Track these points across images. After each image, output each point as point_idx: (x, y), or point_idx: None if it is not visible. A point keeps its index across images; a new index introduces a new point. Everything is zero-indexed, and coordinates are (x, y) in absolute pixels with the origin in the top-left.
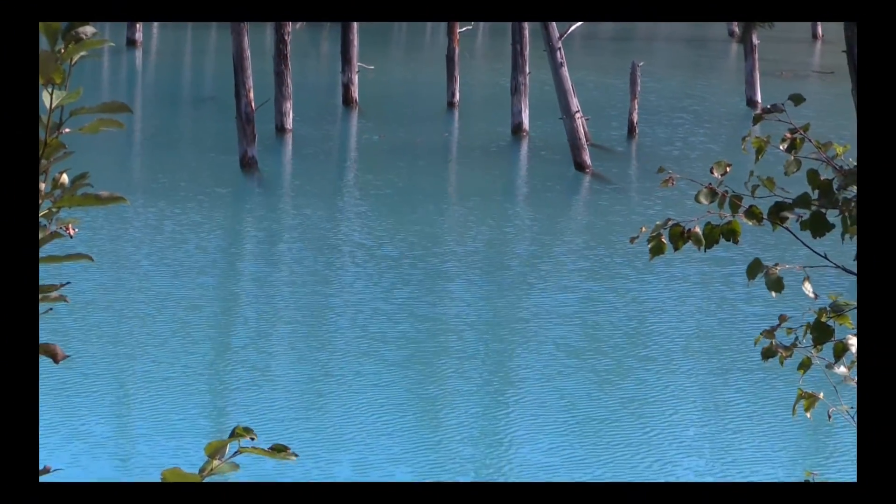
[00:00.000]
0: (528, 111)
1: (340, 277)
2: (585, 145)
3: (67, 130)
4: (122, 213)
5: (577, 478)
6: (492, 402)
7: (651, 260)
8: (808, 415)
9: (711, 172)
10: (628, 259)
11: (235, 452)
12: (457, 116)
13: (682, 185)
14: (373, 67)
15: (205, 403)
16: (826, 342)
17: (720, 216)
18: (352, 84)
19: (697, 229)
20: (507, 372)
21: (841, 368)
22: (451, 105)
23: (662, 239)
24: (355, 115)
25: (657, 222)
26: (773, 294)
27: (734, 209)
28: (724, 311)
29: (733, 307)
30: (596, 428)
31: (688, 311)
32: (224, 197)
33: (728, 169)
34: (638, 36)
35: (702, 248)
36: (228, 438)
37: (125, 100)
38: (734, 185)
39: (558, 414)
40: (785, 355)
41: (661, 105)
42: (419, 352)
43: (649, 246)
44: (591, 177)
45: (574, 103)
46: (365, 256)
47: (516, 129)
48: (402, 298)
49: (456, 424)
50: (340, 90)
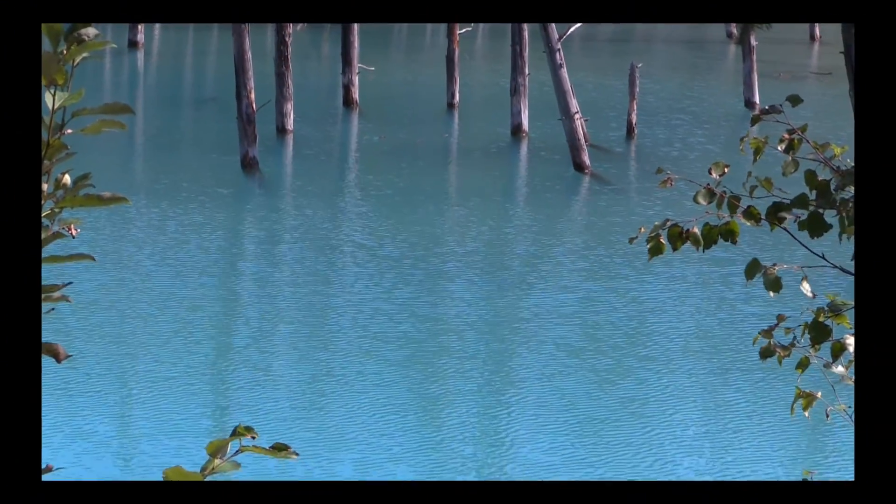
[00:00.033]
0: (527, 112)
1: (341, 277)
2: (584, 146)
3: (70, 131)
4: (124, 213)
5: (577, 477)
6: (492, 402)
7: (650, 260)
8: (807, 414)
9: (710, 173)
10: (628, 259)
11: (237, 451)
12: (457, 117)
13: (681, 185)
14: (373, 69)
15: (207, 403)
16: (824, 342)
17: (718, 217)
18: (352, 85)
19: (696, 230)
20: (507, 371)
21: (839, 368)
22: (451, 106)
23: (661, 239)
24: (356, 116)
25: (656, 223)
26: (772, 294)
27: (732, 210)
28: (723, 310)
29: (732, 307)
30: (596, 427)
31: (687, 311)
32: (225, 197)
33: (726, 170)
34: (637, 37)
35: (700, 248)
36: (230, 437)
37: (127, 101)
38: (732, 185)
39: (558, 413)
40: (783, 355)
41: (660, 106)
42: (420, 351)
43: (648, 246)
44: (590, 177)
45: (573, 104)
46: (366, 256)
47: (516, 130)
48: (402, 298)
49: (457, 424)
50: (341, 91)
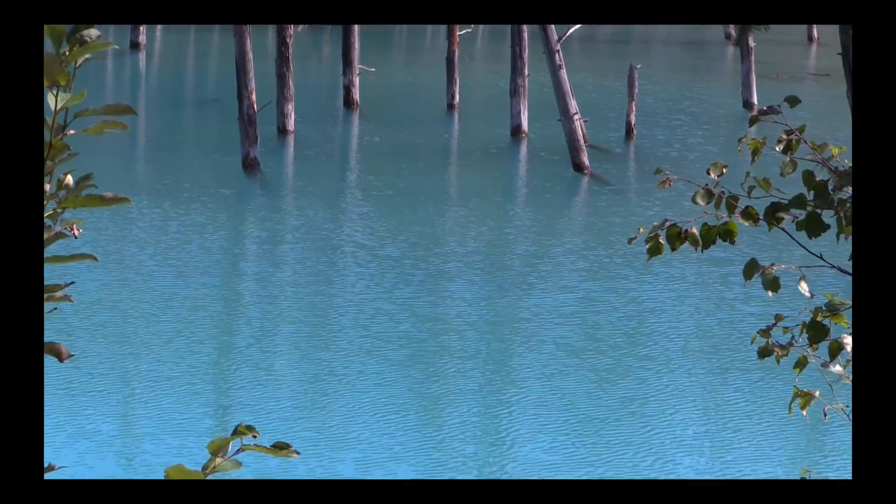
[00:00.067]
0: (527, 113)
1: (343, 277)
2: (584, 147)
3: (72, 132)
4: (127, 213)
5: (577, 475)
6: (493, 401)
7: (649, 260)
8: (804, 413)
9: (708, 174)
10: (627, 259)
11: (238, 450)
12: (457, 118)
13: (680, 185)
14: (374, 70)
15: (209, 402)
16: (822, 341)
17: (717, 217)
18: (353, 86)
19: (694, 230)
20: (507, 371)
21: (836, 367)
22: (451, 107)
23: (660, 240)
24: (356, 116)
25: (654, 223)
26: (770, 294)
27: (731, 210)
28: (722, 310)
29: (731, 307)
30: (596, 426)
31: (686, 311)
32: (227, 198)
33: (724, 170)
34: (636, 39)
35: (699, 248)
36: (231, 436)
37: (129, 102)
38: (731, 186)
39: (559, 413)
40: (781, 354)
41: (659, 107)
42: (421, 351)
43: (647, 247)
44: (589, 178)
45: (572, 105)
46: (367, 257)
47: (515, 131)
48: (403, 298)
49: (458, 423)
50: (342, 92)
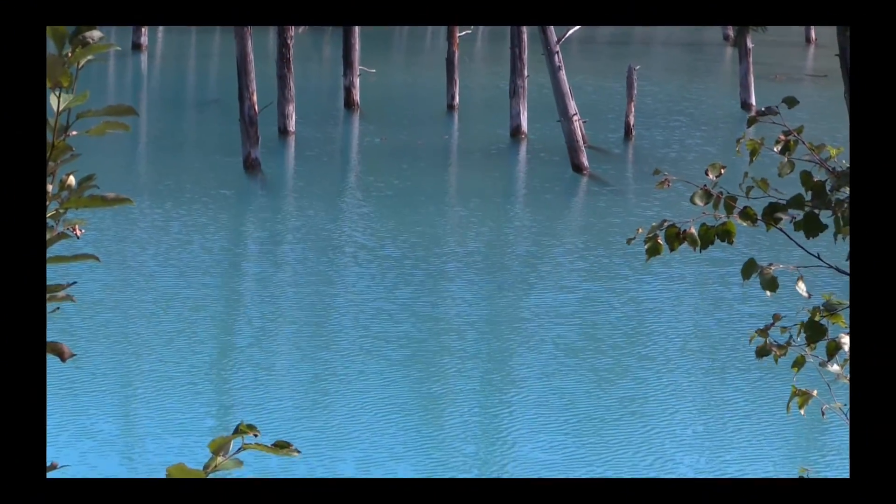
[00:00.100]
0: (526, 114)
1: (343, 278)
2: (583, 147)
3: (74, 133)
4: (128, 214)
5: (577, 474)
6: (493, 401)
7: (648, 261)
8: (802, 412)
9: (706, 174)
10: (626, 260)
11: (239, 449)
12: (457, 119)
13: (679, 186)
14: (374, 71)
15: (210, 401)
16: (819, 341)
17: (715, 217)
18: (353, 87)
19: (693, 230)
20: (507, 371)
21: (834, 366)
22: (450, 108)
23: (659, 240)
24: (357, 117)
25: (653, 223)
26: (768, 293)
27: (729, 210)
28: (720, 310)
29: (730, 307)
30: (595, 426)
31: (685, 311)
32: (228, 198)
33: (723, 171)
34: (635, 40)
35: (697, 248)
36: (232, 435)
37: (131, 103)
38: (729, 186)
39: (558, 412)
40: (779, 354)
41: (658, 108)
42: (421, 351)
43: (646, 247)
44: (588, 178)
45: (572, 106)
46: (367, 257)
47: (515, 132)
48: (404, 298)
49: (458, 422)
50: (342, 93)
